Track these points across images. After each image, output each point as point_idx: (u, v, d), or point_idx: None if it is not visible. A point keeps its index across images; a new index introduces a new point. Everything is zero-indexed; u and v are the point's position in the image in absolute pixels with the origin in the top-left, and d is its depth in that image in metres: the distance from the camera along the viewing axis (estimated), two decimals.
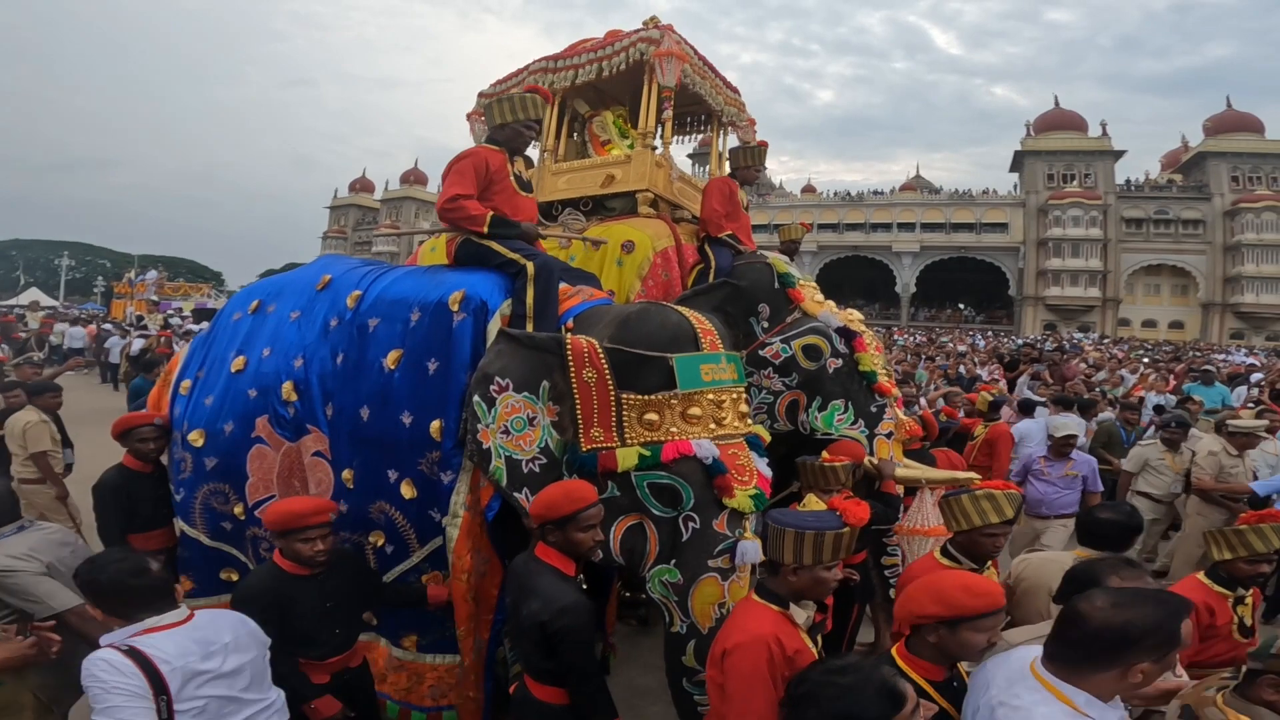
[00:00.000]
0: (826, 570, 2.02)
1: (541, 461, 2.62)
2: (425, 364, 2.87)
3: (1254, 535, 2.58)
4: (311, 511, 2.50)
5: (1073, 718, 1.58)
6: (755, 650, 1.91)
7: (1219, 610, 2.59)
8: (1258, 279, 37.76)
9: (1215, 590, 2.65)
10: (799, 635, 2.00)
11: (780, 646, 1.91)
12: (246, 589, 2.59)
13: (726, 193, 4.15)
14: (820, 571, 2.01)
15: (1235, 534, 2.62)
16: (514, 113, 3.34)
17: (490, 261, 3.10)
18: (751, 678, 1.90)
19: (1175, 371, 11.31)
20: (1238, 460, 5.03)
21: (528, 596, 2.21)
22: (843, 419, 3.59)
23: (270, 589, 2.50)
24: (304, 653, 2.56)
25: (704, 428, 2.59)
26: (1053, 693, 1.61)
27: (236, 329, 3.60)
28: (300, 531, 2.47)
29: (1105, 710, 1.60)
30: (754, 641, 1.93)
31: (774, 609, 2.03)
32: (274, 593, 2.48)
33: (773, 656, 1.90)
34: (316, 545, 2.49)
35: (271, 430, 3.22)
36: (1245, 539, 2.59)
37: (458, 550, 2.72)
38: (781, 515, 2.10)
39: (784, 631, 1.97)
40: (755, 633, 1.96)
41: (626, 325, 2.71)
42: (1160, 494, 5.40)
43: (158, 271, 31.41)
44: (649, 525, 2.58)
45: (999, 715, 1.65)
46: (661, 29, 4.21)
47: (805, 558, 1.98)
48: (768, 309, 3.78)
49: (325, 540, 2.53)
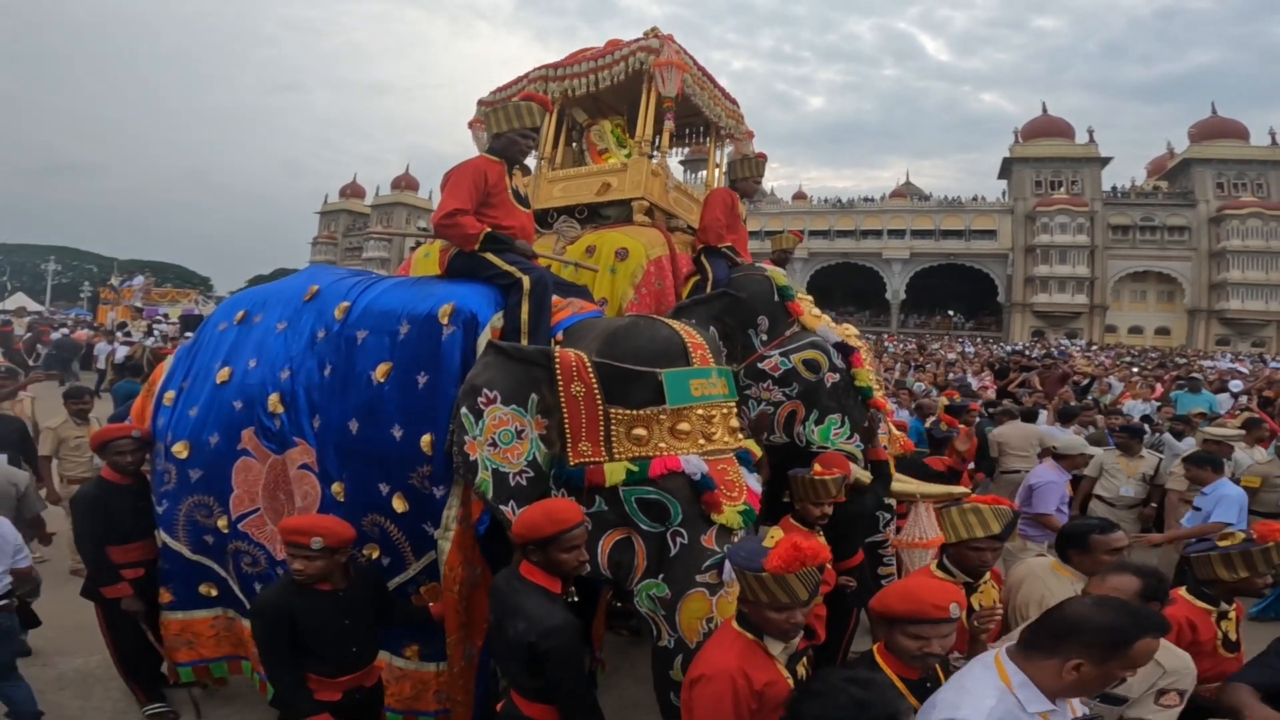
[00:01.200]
0: (771, 611, 1.92)
1: (529, 475, 2.59)
2: (415, 377, 2.84)
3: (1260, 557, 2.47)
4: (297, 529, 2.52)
5: (1000, 691, 1.63)
6: (719, 685, 1.87)
7: (1202, 626, 2.52)
8: (1243, 285, 38.11)
9: (1197, 606, 2.57)
10: (773, 666, 1.94)
11: (747, 680, 1.86)
12: (262, 601, 2.60)
13: (728, 204, 4.14)
14: (765, 611, 1.93)
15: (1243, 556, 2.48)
16: (509, 121, 3.29)
17: (482, 273, 3.07)
18: (716, 708, 1.86)
19: (1162, 379, 11.40)
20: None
21: (513, 616, 2.17)
22: (839, 433, 3.58)
23: (284, 602, 2.51)
24: (315, 668, 2.55)
25: (693, 443, 2.58)
26: (997, 668, 1.68)
27: (222, 339, 3.56)
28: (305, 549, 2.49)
29: (1039, 699, 1.61)
30: (718, 675, 1.88)
31: (747, 637, 1.99)
32: (287, 606, 2.50)
33: (737, 691, 1.85)
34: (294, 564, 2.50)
35: (257, 442, 3.18)
36: (1252, 560, 2.46)
37: (450, 563, 2.70)
38: (733, 546, 2.08)
39: (753, 663, 1.92)
40: (720, 666, 1.91)
41: (615, 339, 2.69)
42: (1109, 496, 5.42)
43: (145, 277, 31.11)
44: (637, 540, 2.56)
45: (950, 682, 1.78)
46: (662, 39, 4.22)
47: (747, 593, 1.95)
48: (766, 321, 3.76)
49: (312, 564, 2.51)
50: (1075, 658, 1.59)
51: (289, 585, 2.57)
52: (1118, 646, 1.57)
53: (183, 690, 3.60)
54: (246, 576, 3.31)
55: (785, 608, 1.90)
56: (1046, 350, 20.85)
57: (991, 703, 1.62)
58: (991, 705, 1.61)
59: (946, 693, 1.75)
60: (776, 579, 1.87)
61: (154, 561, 3.56)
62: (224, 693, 3.81)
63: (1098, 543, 2.63)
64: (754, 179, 4.33)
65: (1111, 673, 1.62)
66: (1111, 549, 2.62)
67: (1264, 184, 39.48)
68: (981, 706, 1.62)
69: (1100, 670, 1.59)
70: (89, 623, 3.70)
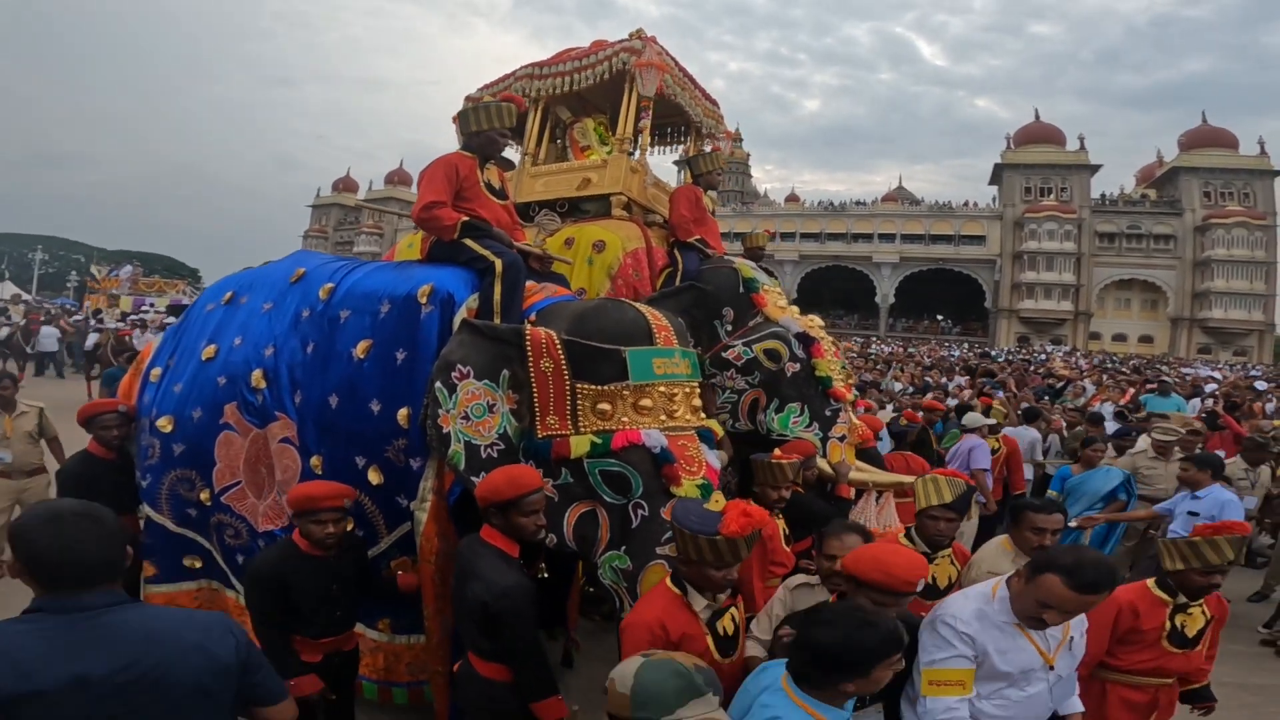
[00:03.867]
0: (714, 570, 2.09)
1: (500, 447, 2.71)
2: (394, 354, 2.96)
3: (1208, 547, 2.48)
4: (325, 495, 2.60)
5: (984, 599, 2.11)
6: (638, 634, 2.06)
7: (1146, 613, 2.51)
8: (1226, 294, 38.58)
9: (1152, 593, 2.57)
10: (693, 620, 2.12)
11: (664, 631, 2.05)
12: (259, 564, 2.69)
13: (693, 199, 4.31)
14: (707, 570, 2.10)
15: (1189, 545, 2.49)
16: (489, 121, 3.43)
17: (460, 257, 3.20)
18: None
19: (1134, 383, 11.64)
20: (1156, 463, 5.40)
21: (470, 578, 2.28)
22: (798, 421, 3.74)
23: (278, 565, 2.60)
24: (301, 630, 2.64)
25: (655, 419, 2.71)
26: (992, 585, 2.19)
27: (208, 319, 3.67)
28: (314, 514, 2.57)
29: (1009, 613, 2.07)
30: (638, 625, 2.09)
31: (673, 592, 2.17)
32: (281, 570, 2.58)
33: (654, 640, 2.02)
34: (328, 528, 2.59)
35: (240, 417, 3.29)
36: (1199, 551, 2.47)
37: (426, 534, 2.82)
38: (678, 510, 2.21)
39: (673, 616, 2.10)
40: (643, 617, 2.11)
41: (583, 319, 2.82)
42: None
43: (133, 267, 30.99)
44: (601, 512, 2.69)
45: None
46: (644, 40, 4.37)
47: (690, 554, 2.11)
48: (731, 312, 3.94)
49: (338, 524, 2.63)
50: (1022, 569, 2.07)
51: (287, 549, 2.66)
52: (1034, 570, 2.01)
53: None
54: (229, 548, 3.41)
55: (726, 566, 2.09)
56: (1028, 356, 21.12)
57: (973, 606, 2.08)
58: (973, 609, 2.07)
59: (949, 597, 2.21)
60: (729, 541, 2.05)
61: (135, 537, 3.64)
62: None
63: (1028, 519, 2.78)
64: (715, 172, 4.52)
65: (1029, 596, 2.00)
66: (1036, 527, 2.74)
67: (1250, 193, 39.93)
68: (965, 606, 2.09)
69: (1026, 589, 2.01)
70: None
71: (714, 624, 2.17)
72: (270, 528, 3.24)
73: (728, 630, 2.21)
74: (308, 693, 2.54)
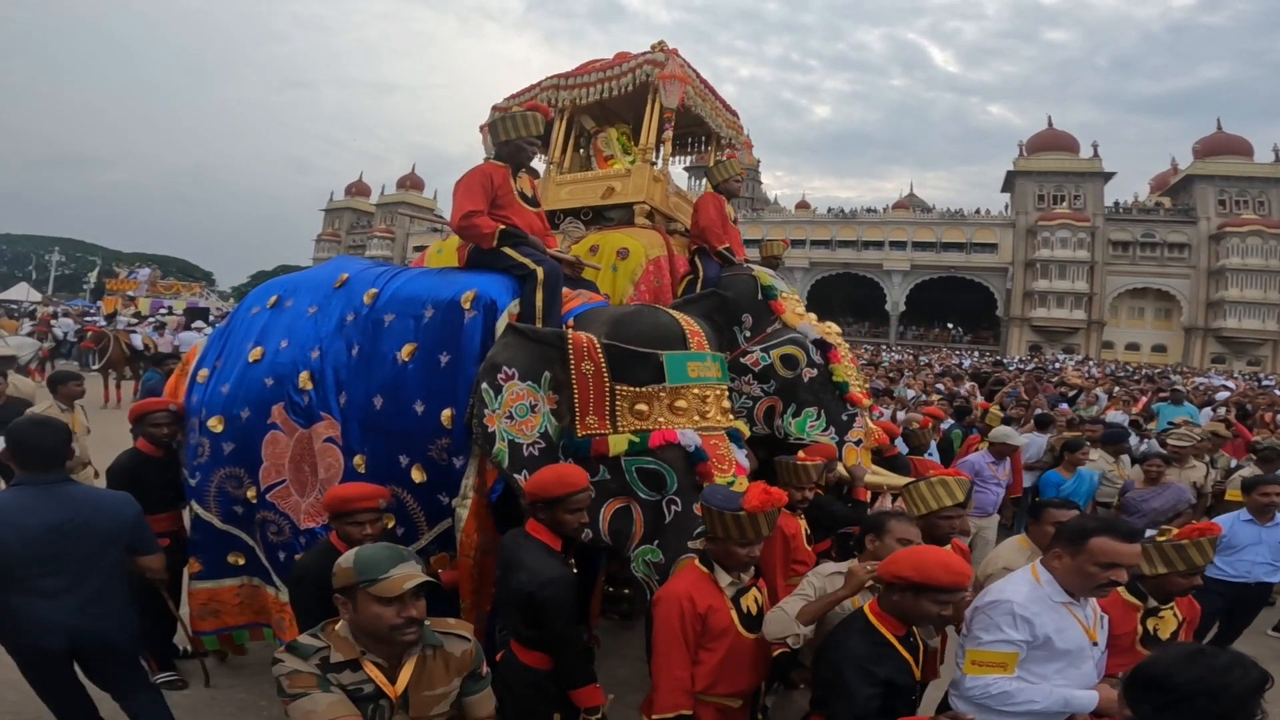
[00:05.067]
0: (739, 546, 2.27)
1: (541, 445, 2.85)
2: (438, 357, 3.09)
3: (1194, 550, 2.49)
4: (360, 496, 2.68)
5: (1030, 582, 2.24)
6: (668, 605, 2.27)
7: (1119, 619, 2.51)
8: (1240, 304, 38.27)
9: (1123, 599, 2.58)
10: (718, 594, 2.31)
11: (692, 603, 2.24)
12: (301, 567, 2.77)
13: (718, 207, 4.42)
14: (731, 546, 2.28)
15: (1176, 549, 2.49)
16: (516, 130, 3.56)
17: (500, 264, 3.34)
18: (665, 628, 2.24)
19: (1146, 392, 11.66)
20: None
21: (516, 569, 2.40)
22: (815, 425, 3.83)
23: (322, 568, 2.57)
24: None
25: (689, 419, 2.84)
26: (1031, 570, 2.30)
27: (254, 322, 3.81)
28: (350, 515, 2.66)
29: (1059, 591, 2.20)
30: (669, 598, 2.29)
31: (701, 570, 2.36)
32: (325, 571, 2.62)
33: (683, 612, 2.23)
34: (365, 529, 2.67)
35: (286, 417, 3.42)
36: (1186, 554, 2.48)
37: (466, 529, 2.94)
38: (707, 491, 2.39)
39: (700, 590, 2.29)
40: (672, 590, 2.32)
41: (622, 324, 2.97)
42: None
43: (151, 270, 31.44)
44: (635, 508, 2.82)
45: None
46: (667, 53, 4.50)
47: (717, 531, 2.29)
48: (750, 319, 4.05)
49: (374, 525, 2.71)
50: (1056, 548, 2.22)
51: (328, 551, 2.65)
52: (1076, 540, 2.15)
53: (191, 661, 3.80)
54: (272, 545, 3.53)
55: (749, 543, 2.27)
56: (1039, 365, 21.11)
57: (1025, 589, 2.21)
58: (1026, 591, 2.20)
59: (994, 584, 2.32)
60: (751, 517, 2.23)
61: (179, 532, 3.78)
62: (233, 663, 4.00)
63: (1048, 515, 2.89)
64: (734, 179, 4.63)
65: (1084, 567, 2.12)
66: (1055, 522, 2.83)
67: (1265, 201, 39.60)
68: (1016, 587, 2.23)
69: (1075, 562, 2.14)
70: None
71: (738, 600, 2.33)
72: (311, 525, 3.34)
73: (751, 609, 2.35)
74: None
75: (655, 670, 2.29)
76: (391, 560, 1.80)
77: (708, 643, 2.28)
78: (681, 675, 2.24)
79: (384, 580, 1.75)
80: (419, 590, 1.79)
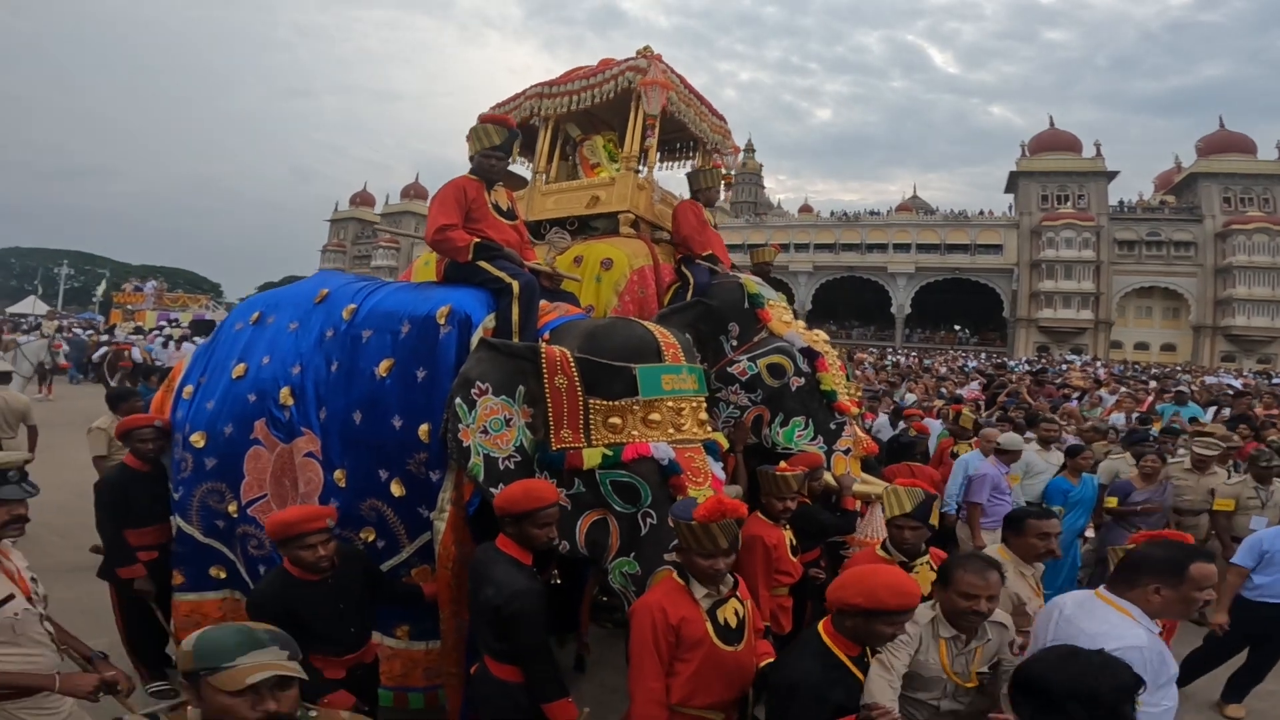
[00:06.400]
0: (698, 557, 2.26)
1: (516, 459, 2.86)
2: (414, 372, 3.11)
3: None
4: (306, 519, 2.58)
5: (1126, 620, 2.13)
6: (641, 616, 2.28)
7: None
8: (1249, 302, 37.97)
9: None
10: (693, 606, 2.28)
11: (664, 614, 2.24)
12: (258, 595, 2.67)
13: (695, 215, 4.44)
14: (693, 556, 2.27)
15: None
16: (479, 142, 3.61)
17: (476, 278, 3.35)
18: (640, 640, 2.25)
19: (1151, 392, 11.57)
20: (1190, 475, 5.39)
21: (485, 583, 2.42)
22: (803, 435, 3.83)
23: (280, 595, 2.57)
24: (321, 650, 2.61)
25: (663, 432, 2.84)
26: (1107, 602, 2.19)
27: (237, 338, 3.84)
28: (299, 539, 2.55)
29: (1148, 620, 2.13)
30: (641, 609, 2.31)
31: (676, 581, 2.36)
32: (283, 598, 2.55)
33: (655, 622, 2.23)
34: (318, 551, 2.57)
35: (268, 432, 3.44)
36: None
37: (444, 542, 2.95)
38: (675, 505, 2.42)
39: (674, 601, 2.28)
40: (646, 601, 2.33)
41: (595, 337, 2.97)
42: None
43: (157, 282, 31.68)
44: (611, 520, 2.82)
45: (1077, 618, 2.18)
46: (650, 58, 4.50)
47: (681, 542, 2.30)
48: (737, 328, 4.04)
49: (326, 545, 2.61)
50: (1152, 584, 2.12)
51: (282, 577, 2.62)
52: (1176, 572, 2.10)
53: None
54: (252, 559, 3.54)
55: (709, 554, 2.24)
56: (1044, 366, 20.99)
57: (1137, 628, 2.11)
58: (1139, 630, 2.10)
59: (1083, 625, 2.16)
60: (703, 527, 2.22)
61: (166, 545, 3.79)
62: None
63: (1030, 526, 2.86)
64: (714, 188, 4.65)
65: (1188, 595, 2.10)
66: (1041, 533, 2.83)
67: (1270, 199, 39.32)
68: (1134, 631, 2.10)
69: (1180, 593, 2.10)
70: (98, 607, 3.94)
71: (714, 612, 2.31)
72: None
73: (730, 621, 2.33)
74: (341, 708, 2.54)
75: (631, 681, 2.30)
76: (242, 645, 1.51)
77: (683, 654, 2.27)
78: (655, 686, 2.24)
79: (227, 670, 1.47)
80: (286, 681, 1.53)
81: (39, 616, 2.42)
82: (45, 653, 2.41)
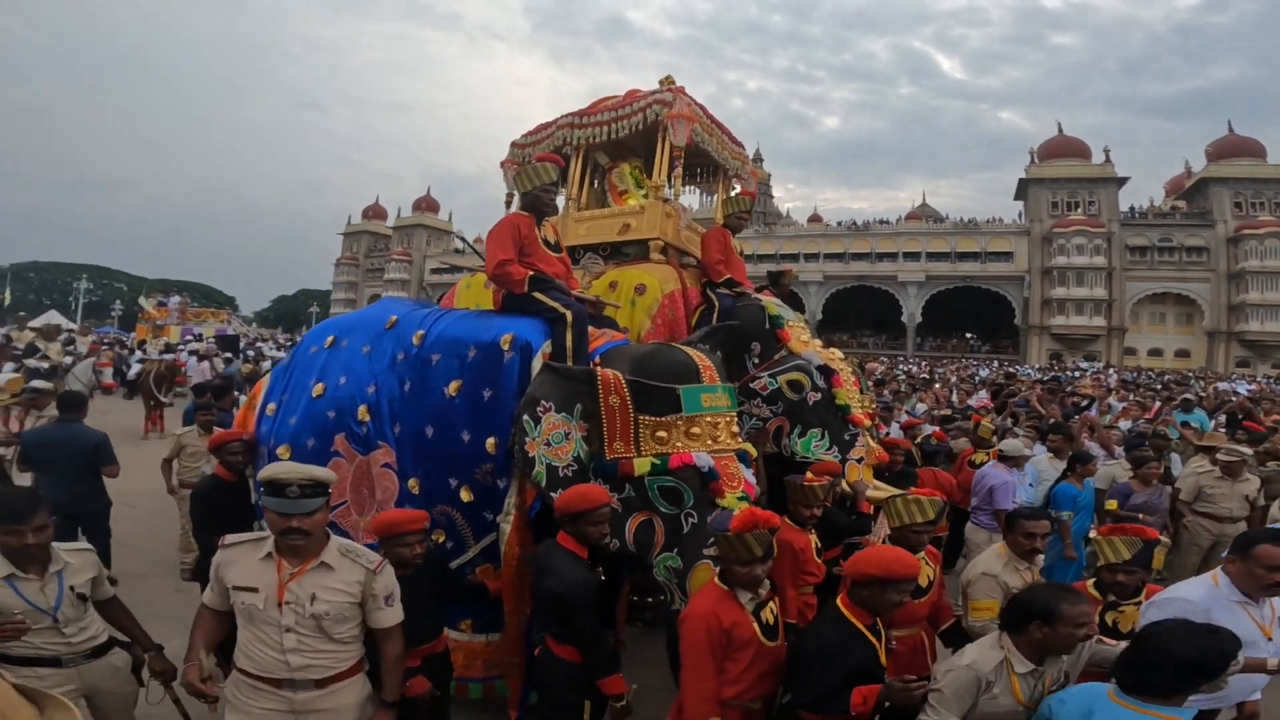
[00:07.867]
0: (736, 565, 2.49)
1: (574, 468, 3.27)
2: (481, 392, 3.53)
3: (1105, 546, 2.89)
4: (408, 520, 2.93)
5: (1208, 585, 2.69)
6: (695, 623, 2.47)
7: None
8: (1262, 306, 37.84)
9: (1090, 594, 2.87)
10: (740, 610, 2.51)
11: (717, 620, 2.44)
12: None
13: (723, 242, 4.82)
14: (733, 565, 2.50)
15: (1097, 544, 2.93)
16: (532, 181, 3.99)
17: (532, 308, 3.76)
18: (694, 645, 2.45)
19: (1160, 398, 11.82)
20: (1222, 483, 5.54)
21: (547, 574, 2.76)
22: (819, 445, 4.19)
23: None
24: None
25: (702, 444, 3.24)
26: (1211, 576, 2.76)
27: (314, 360, 4.26)
28: (400, 537, 2.87)
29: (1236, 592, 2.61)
30: (695, 615, 2.49)
31: (722, 588, 2.57)
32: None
33: (710, 628, 2.43)
34: (415, 549, 2.90)
35: (348, 445, 3.86)
36: (1099, 549, 2.90)
37: (510, 542, 3.35)
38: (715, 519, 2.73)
39: (724, 608, 2.49)
40: (698, 609, 2.52)
41: (644, 361, 3.39)
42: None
43: (180, 298, 32.36)
44: (657, 521, 3.22)
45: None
46: (674, 91, 4.86)
47: (723, 553, 2.56)
48: (759, 347, 4.44)
49: (421, 544, 2.94)
50: (1231, 555, 2.65)
51: None
52: (1245, 549, 2.60)
53: None
54: None
55: (747, 562, 2.48)
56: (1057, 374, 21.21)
57: (1202, 589, 2.64)
58: (1202, 591, 2.62)
59: (1171, 587, 2.77)
60: (739, 537, 2.47)
61: None
62: None
63: (1020, 525, 3.25)
64: (740, 215, 4.98)
65: (1253, 570, 2.56)
66: (1028, 532, 3.21)
67: None
68: (1195, 591, 2.64)
69: (1245, 567, 2.58)
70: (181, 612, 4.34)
71: (758, 613, 2.62)
72: (370, 541, 3.71)
73: (769, 620, 2.66)
74: (418, 693, 2.80)
75: (684, 683, 2.51)
76: None
77: (734, 654, 2.48)
78: (709, 687, 2.44)
79: None
80: None
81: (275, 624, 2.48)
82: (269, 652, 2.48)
